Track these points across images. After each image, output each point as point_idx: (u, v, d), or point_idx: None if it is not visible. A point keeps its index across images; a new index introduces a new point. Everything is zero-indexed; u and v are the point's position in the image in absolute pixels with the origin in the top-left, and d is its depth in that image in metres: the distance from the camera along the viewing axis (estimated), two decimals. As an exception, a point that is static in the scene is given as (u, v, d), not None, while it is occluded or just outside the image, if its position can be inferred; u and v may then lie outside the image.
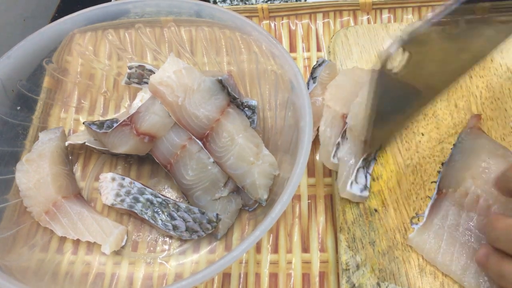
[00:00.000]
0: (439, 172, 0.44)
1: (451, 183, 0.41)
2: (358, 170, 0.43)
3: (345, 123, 0.44)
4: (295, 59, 0.56)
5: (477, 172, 0.40)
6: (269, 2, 0.67)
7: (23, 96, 0.48)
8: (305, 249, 0.45)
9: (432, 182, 0.44)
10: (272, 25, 0.59)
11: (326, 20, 0.58)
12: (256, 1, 0.68)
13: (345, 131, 0.44)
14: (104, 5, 0.48)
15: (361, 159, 0.43)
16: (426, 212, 0.41)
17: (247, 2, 0.68)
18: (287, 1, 0.67)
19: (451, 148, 0.45)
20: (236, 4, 0.68)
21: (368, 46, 0.53)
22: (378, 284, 0.39)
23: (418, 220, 0.42)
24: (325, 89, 0.47)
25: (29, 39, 0.46)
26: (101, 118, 0.53)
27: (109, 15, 0.49)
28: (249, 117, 0.45)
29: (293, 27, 0.58)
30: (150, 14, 0.50)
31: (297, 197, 0.47)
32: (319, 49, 0.57)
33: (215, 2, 0.69)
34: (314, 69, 0.49)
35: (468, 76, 0.49)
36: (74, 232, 0.44)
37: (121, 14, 0.49)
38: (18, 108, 0.48)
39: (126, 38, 0.53)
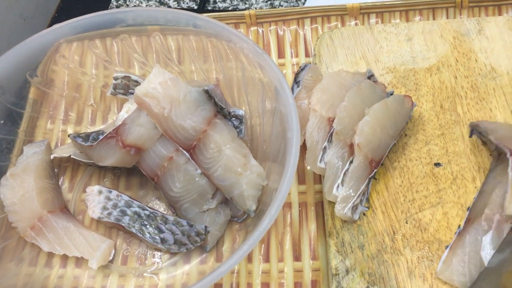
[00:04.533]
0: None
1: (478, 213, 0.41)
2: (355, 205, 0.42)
3: (331, 127, 0.44)
4: (283, 65, 0.56)
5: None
6: (268, 2, 0.68)
7: (7, 109, 0.48)
8: (297, 257, 0.44)
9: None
10: (260, 31, 0.58)
11: (314, 25, 0.58)
12: (256, 1, 0.68)
13: (331, 134, 0.43)
14: (92, 15, 0.48)
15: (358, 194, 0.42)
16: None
17: (247, 2, 0.68)
18: (287, 2, 0.67)
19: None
20: (236, 4, 0.68)
21: (353, 48, 0.53)
22: (367, 288, 0.39)
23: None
24: (309, 92, 0.47)
25: (11, 51, 0.45)
26: (88, 130, 0.52)
27: (97, 26, 0.48)
28: (236, 127, 0.45)
29: (281, 33, 0.58)
30: (140, 24, 0.49)
31: (287, 205, 0.47)
32: (307, 54, 0.56)
33: (215, 2, 0.69)
34: (297, 74, 0.49)
35: (453, 77, 0.49)
36: (61, 247, 0.43)
37: (109, 25, 0.48)
38: (2, 121, 0.47)
39: (112, 48, 0.52)
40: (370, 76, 0.48)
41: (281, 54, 0.57)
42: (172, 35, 0.51)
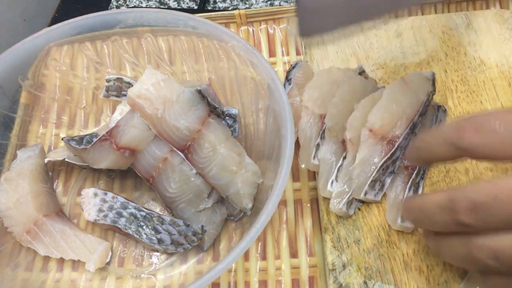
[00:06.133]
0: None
1: None
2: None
3: (323, 123, 0.44)
4: (274, 63, 0.56)
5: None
6: (268, 2, 0.68)
7: (-2, 114, 0.48)
8: (294, 254, 0.44)
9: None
10: (251, 30, 0.59)
11: (304, 23, 0.58)
12: (256, 1, 0.68)
13: (324, 131, 0.44)
14: (78, 19, 0.48)
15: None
16: None
17: (247, 2, 0.68)
18: (286, 2, 0.68)
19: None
20: (236, 4, 0.69)
21: (343, 45, 0.53)
22: (365, 282, 0.39)
23: None
24: (301, 89, 0.47)
25: (2, 57, 0.45)
26: (81, 133, 0.52)
27: (87, 28, 0.48)
28: (230, 126, 0.45)
29: (271, 32, 0.58)
30: (131, 26, 0.49)
31: (283, 203, 0.47)
32: (298, 53, 0.57)
33: (215, 2, 0.69)
34: (288, 72, 0.50)
35: (443, 71, 0.50)
36: (57, 250, 0.43)
37: (99, 28, 0.48)
38: (-6, 126, 0.47)
39: (103, 50, 0.52)
40: (361, 72, 0.48)
41: (272, 53, 0.57)
42: (163, 36, 0.51)
